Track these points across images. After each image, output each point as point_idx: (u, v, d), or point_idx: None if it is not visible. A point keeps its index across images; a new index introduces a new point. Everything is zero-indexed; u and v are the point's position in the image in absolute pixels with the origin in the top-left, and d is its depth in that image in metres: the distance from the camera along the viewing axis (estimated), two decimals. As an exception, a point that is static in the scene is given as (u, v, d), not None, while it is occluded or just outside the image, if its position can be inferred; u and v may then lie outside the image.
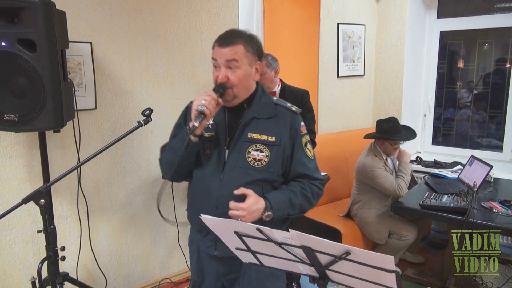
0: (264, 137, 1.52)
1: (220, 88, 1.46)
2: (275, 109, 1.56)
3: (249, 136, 1.52)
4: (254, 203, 1.44)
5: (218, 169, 1.53)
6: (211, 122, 1.57)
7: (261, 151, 1.51)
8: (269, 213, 1.46)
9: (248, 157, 1.51)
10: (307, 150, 1.58)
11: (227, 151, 1.53)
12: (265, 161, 1.51)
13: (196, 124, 1.39)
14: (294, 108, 1.59)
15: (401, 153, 3.04)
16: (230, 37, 1.49)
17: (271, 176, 1.52)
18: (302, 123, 1.59)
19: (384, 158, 3.01)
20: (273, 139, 1.52)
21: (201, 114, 1.40)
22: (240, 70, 1.47)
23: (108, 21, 2.49)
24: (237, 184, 1.48)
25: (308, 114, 2.81)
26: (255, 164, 1.50)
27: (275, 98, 1.61)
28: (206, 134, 1.57)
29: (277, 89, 2.79)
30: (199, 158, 1.59)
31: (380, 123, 3.04)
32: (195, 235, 1.67)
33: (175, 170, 1.55)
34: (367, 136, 3.06)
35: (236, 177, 1.50)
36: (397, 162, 3.08)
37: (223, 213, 1.43)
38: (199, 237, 1.64)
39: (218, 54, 1.48)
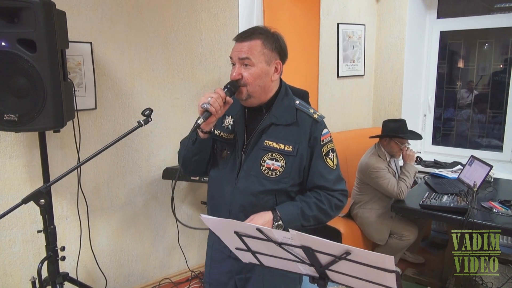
0: (281, 146, 1.45)
1: (232, 86, 1.42)
2: (296, 115, 1.48)
3: (265, 144, 1.46)
4: (258, 218, 1.43)
5: (233, 174, 1.50)
6: (231, 123, 1.53)
7: (277, 160, 1.46)
8: (279, 223, 1.43)
9: (263, 165, 1.46)
10: (328, 160, 1.49)
11: (243, 156, 1.49)
12: (279, 171, 1.45)
13: (199, 121, 1.37)
14: (316, 115, 1.50)
15: (408, 153, 3.01)
16: (249, 31, 1.45)
17: (285, 186, 1.47)
18: (326, 131, 1.50)
19: (388, 159, 3.01)
20: (290, 148, 1.45)
21: (206, 112, 1.38)
22: (254, 68, 1.42)
23: (108, 21, 2.49)
24: (250, 193, 1.46)
25: None
26: (269, 173, 1.46)
27: (297, 102, 1.53)
28: (225, 136, 1.54)
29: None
30: (216, 159, 1.57)
31: (387, 122, 3.04)
32: (212, 233, 1.65)
33: (186, 165, 1.56)
34: (373, 136, 3.05)
35: (249, 186, 1.47)
36: (400, 163, 3.08)
37: (236, 219, 1.39)
38: (215, 237, 1.63)
39: (233, 51, 1.45)
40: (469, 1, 3.90)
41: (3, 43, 1.76)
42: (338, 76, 3.86)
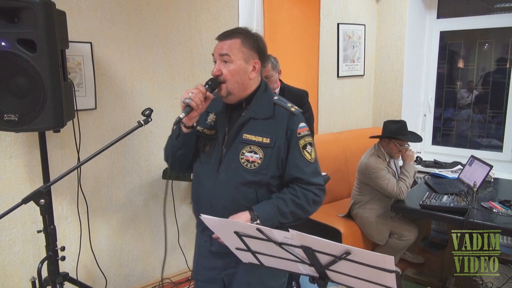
0: (259, 139, 1.50)
1: (212, 82, 1.48)
2: (273, 109, 1.53)
3: (244, 137, 1.51)
4: (236, 219, 1.46)
5: (214, 168, 1.54)
6: (214, 119, 1.58)
7: (255, 153, 1.50)
8: (257, 222, 1.46)
9: (242, 158, 1.50)
10: (305, 153, 1.52)
11: (224, 149, 1.53)
12: (258, 163, 1.49)
13: (181, 115, 1.43)
14: (293, 108, 1.55)
15: (408, 153, 3.01)
16: (230, 31, 1.51)
17: (264, 178, 1.50)
18: (302, 124, 1.54)
19: (387, 159, 3.01)
20: (268, 141, 1.49)
21: (188, 107, 1.43)
22: (232, 65, 1.47)
23: (108, 21, 2.49)
24: (230, 185, 1.50)
25: (305, 115, 2.79)
26: (248, 166, 1.49)
27: (276, 98, 1.57)
28: (207, 132, 1.58)
29: (277, 89, 2.79)
30: (199, 154, 1.61)
31: (387, 123, 3.04)
32: (198, 230, 1.69)
33: (172, 160, 1.60)
34: (373, 136, 3.05)
35: (230, 178, 1.50)
36: (400, 164, 3.08)
37: (217, 212, 1.44)
38: (198, 232, 1.67)
39: (215, 49, 1.51)
40: (469, 1, 3.90)
41: (3, 43, 1.77)
42: (338, 76, 3.86)
